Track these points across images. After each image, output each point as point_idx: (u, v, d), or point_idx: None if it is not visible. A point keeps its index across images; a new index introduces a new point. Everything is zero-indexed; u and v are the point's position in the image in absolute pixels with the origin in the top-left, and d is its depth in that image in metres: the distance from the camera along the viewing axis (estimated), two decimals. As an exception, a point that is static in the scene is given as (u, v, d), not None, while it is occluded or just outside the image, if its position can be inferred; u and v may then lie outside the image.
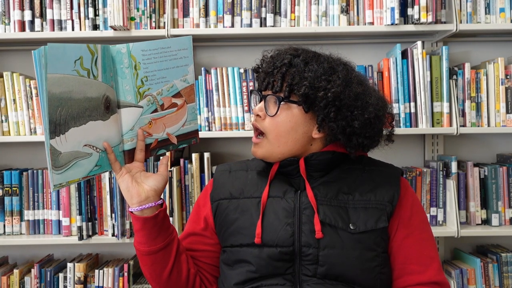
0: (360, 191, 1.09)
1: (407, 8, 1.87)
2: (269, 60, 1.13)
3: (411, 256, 1.08)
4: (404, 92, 1.86)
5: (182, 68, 1.08)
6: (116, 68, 1.00)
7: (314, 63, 1.07)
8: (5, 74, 1.89)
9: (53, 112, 0.88)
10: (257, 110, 1.11)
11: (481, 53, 2.08)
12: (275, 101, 1.09)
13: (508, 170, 1.90)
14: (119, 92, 1.01)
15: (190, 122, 1.12)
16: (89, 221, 1.88)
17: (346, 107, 1.06)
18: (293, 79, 1.06)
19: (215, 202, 1.15)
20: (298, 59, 1.08)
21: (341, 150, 1.12)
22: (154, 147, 1.08)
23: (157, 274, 1.09)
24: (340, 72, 1.07)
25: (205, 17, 1.92)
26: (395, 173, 1.14)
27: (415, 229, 1.10)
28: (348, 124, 1.06)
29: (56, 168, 0.91)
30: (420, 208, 1.14)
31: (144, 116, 1.04)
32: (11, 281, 1.90)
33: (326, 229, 1.04)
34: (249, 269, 1.06)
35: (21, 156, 2.12)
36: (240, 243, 1.09)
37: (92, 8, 1.89)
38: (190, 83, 1.10)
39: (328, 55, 1.13)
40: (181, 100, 1.09)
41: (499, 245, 2.05)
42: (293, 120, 1.09)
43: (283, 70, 1.08)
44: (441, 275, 1.08)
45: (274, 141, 1.09)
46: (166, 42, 1.05)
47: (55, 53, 0.87)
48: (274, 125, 1.09)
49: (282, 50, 1.14)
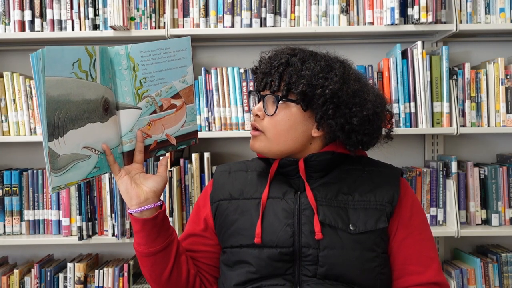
0: (359, 192, 1.09)
1: (407, 8, 1.87)
2: (267, 61, 1.13)
3: (411, 257, 1.08)
4: (404, 92, 1.86)
5: (181, 69, 1.08)
6: (115, 70, 1.00)
7: (311, 62, 1.08)
8: (5, 74, 1.89)
9: (52, 114, 0.88)
10: (256, 110, 1.12)
11: (481, 53, 2.08)
12: (273, 100, 1.09)
13: (508, 170, 1.90)
14: (118, 93, 1.00)
15: (189, 123, 1.12)
16: (89, 221, 1.88)
17: (344, 104, 1.05)
18: (291, 77, 1.06)
19: (215, 203, 1.15)
20: (295, 58, 1.09)
21: (341, 150, 1.12)
22: (153, 148, 1.08)
23: (157, 275, 1.09)
24: (337, 70, 1.07)
25: (205, 17, 1.92)
26: (394, 174, 1.14)
27: (415, 230, 1.10)
28: (347, 121, 1.06)
29: (55, 171, 0.90)
30: (420, 208, 1.14)
31: (143, 117, 1.04)
32: (11, 281, 1.90)
33: (326, 229, 1.04)
34: (249, 270, 1.06)
35: (21, 156, 2.12)
36: (240, 244, 1.09)
37: (92, 8, 1.89)
38: (189, 84, 1.10)
39: (325, 53, 1.13)
40: (180, 101, 1.09)
41: (499, 245, 2.05)
42: (292, 118, 1.09)
43: (281, 69, 1.08)
44: (441, 276, 1.08)
45: (273, 139, 1.10)
46: (165, 43, 1.05)
47: (53, 55, 0.87)
48: (273, 124, 1.09)
49: (279, 50, 1.14)
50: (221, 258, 1.15)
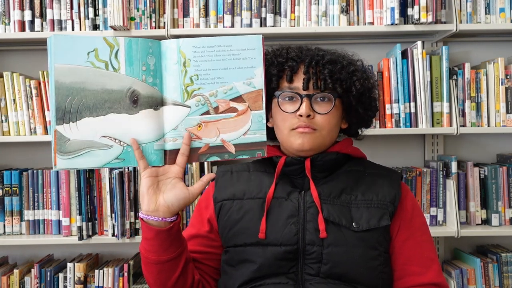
0: (362, 192, 1.10)
1: (407, 8, 1.87)
2: (298, 60, 1.10)
3: (412, 258, 1.09)
4: (404, 92, 1.85)
5: (247, 70, 1.00)
6: (165, 64, 0.97)
7: (339, 57, 1.14)
8: (5, 74, 1.89)
9: (62, 100, 0.91)
10: (306, 112, 1.06)
11: (481, 53, 2.08)
12: (328, 98, 1.09)
13: (508, 170, 1.90)
14: (164, 88, 0.98)
15: (255, 132, 1.02)
16: (89, 221, 1.88)
17: (368, 92, 1.16)
18: (340, 74, 1.10)
19: (218, 203, 1.14)
20: (330, 56, 1.12)
21: (345, 151, 1.15)
22: (203, 152, 1.01)
23: (162, 282, 1.06)
24: (356, 62, 1.17)
25: (205, 17, 1.92)
26: (395, 176, 1.16)
27: (416, 231, 1.11)
28: (366, 107, 1.17)
29: (63, 153, 0.92)
30: (420, 211, 1.16)
31: (191, 116, 0.99)
32: (11, 281, 1.90)
33: (330, 227, 1.05)
34: (253, 269, 1.06)
35: (21, 156, 2.12)
36: (244, 243, 1.08)
37: (92, 8, 1.89)
38: (256, 87, 1.01)
39: (334, 50, 1.18)
40: (243, 105, 1.01)
41: (499, 245, 2.05)
42: (338, 113, 1.13)
43: (329, 67, 1.09)
44: (441, 277, 1.09)
45: (326, 136, 1.11)
46: (227, 40, 0.99)
47: (62, 44, 0.89)
48: (327, 121, 1.09)
49: (304, 48, 1.14)
50: (223, 258, 1.14)
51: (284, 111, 1.09)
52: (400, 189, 1.13)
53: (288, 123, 1.09)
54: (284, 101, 1.10)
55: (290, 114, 1.09)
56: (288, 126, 1.09)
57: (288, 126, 1.09)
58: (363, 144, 1.26)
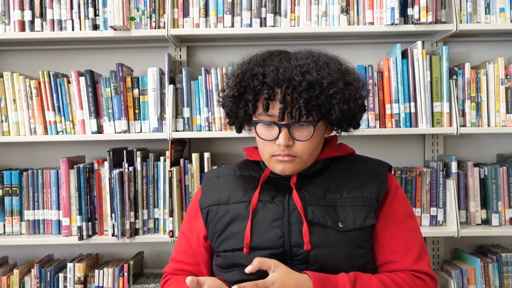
0: (347, 189, 1.11)
1: (407, 8, 1.87)
2: (279, 85, 1.04)
3: (385, 246, 1.09)
4: (404, 92, 1.85)
5: None
6: None
7: (325, 69, 1.05)
8: (5, 74, 1.89)
9: None
10: (285, 143, 1.05)
11: (481, 53, 2.08)
12: (306, 125, 1.06)
13: (508, 170, 1.90)
14: None
15: None
16: (89, 221, 1.87)
17: (352, 100, 1.09)
18: (319, 100, 1.04)
19: (205, 209, 1.17)
20: (310, 76, 1.03)
21: (332, 155, 1.16)
22: None
23: None
24: (333, 67, 1.08)
25: (205, 17, 1.92)
26: (382, 170, 1.16)
27: (392, 220, 1.11)
28: (352, 111, 1.11)
29: None
30: (402, 201, 1.15)
31: None
32: (11, 281, 1.90)
33: (316, 228, 1.05)
34: (242, 273, 1.06)
35: (21, 156, 2.12)
36: (232, 248, 1.10)
37: (92, 8, 1.89)
38: None
39: (310, 52, 1.11)
40: None
41: (499, 245, 2.05)
42: (321, 134, 1.12)
43: (305, 96, 1.02)
44: (420, 265, 1.07)
45: (308, 159, 1.10)
46: None
47: None
48: (307, 146, 1.08)
49: (282, 66, 1.05)
50: (214, 262, 1.17)
51: (263, 139, 1.09)
52: (386, 183, 1.13)
53: (268, 149, 1.09)
54: (263, 129, 1.09)
55: (270, 141, 1.08)
56: (268, 152, 1.10)
57: (268, 152, 1.10)
58: (363, 144, 1.26)
